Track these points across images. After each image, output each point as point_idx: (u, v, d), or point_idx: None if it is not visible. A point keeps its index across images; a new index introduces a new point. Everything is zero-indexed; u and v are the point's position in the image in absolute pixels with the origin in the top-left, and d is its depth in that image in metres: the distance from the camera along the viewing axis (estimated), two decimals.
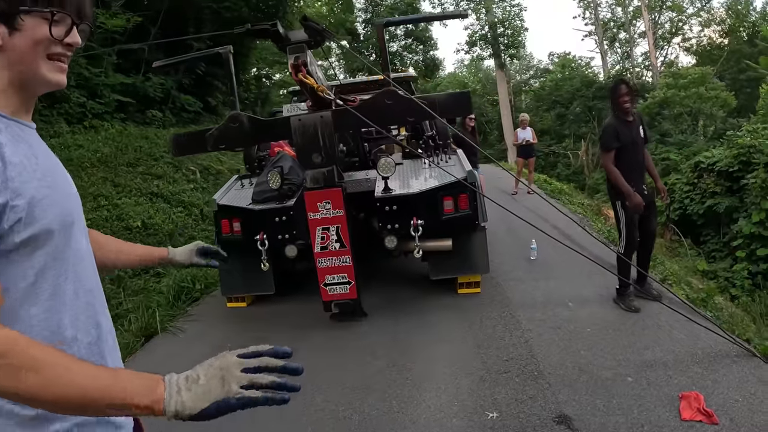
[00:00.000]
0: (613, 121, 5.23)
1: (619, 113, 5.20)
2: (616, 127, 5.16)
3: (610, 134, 5.18)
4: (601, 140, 5.36)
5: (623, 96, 5.12)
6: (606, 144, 5.21)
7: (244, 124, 4.75)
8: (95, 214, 8.64)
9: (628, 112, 5.19)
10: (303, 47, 4.12)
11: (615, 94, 5.23)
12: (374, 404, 3.84)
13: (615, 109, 5.25)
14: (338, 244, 4.77)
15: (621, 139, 5.12)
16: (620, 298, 5.23)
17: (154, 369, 3.26)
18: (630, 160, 5.16)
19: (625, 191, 5.03)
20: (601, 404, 3.56)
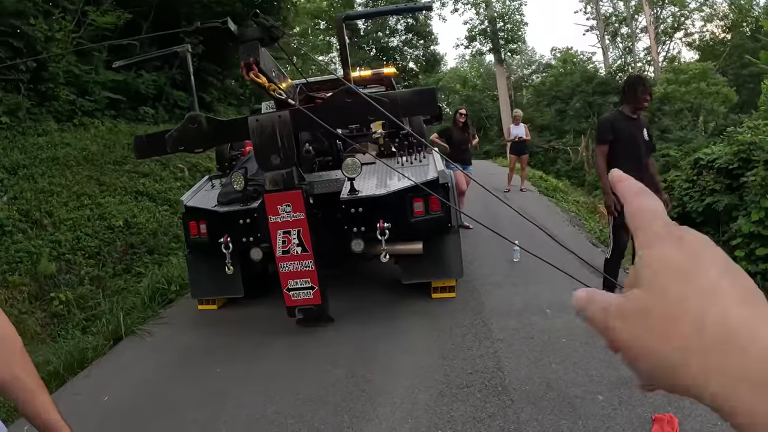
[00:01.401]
0: (611, 114, 5.00)
1: (628, 109, 4.95)
2: (613, 120, 4.92)
3: (604, 126, 4.93)
4: (596, 132, 5.13)
5: (646, 93, 4.88)
6: (600, 136, 4.95)
7: (202, 125, 4.57)
8: (77, 214, 8.51)
9: (640, 110, 4.98)
10: (256, 45, 3.93)
11: (637, 89, 4.92)
12: (325, 418, 3.67)
13: (629, 104, 4.95)
14: (300, 248, 4.59)
15: (617, 132, 4.86)
16: None
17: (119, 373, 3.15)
18: (626, 156, 4.83)
19: (604, 189, 4.83)
20: (566, 426, 3.34)
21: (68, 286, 6.99)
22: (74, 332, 6.05)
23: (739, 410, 0.34)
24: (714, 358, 0.35)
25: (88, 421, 3.99)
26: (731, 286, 0.37)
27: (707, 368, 0.35)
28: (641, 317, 0.39)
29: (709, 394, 0.35)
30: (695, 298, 0.37)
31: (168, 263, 8.02)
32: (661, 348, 0.37)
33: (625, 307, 0.40)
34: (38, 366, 4.69)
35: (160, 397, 4.28)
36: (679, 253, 0.40)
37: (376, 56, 35.12)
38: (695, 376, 0.36)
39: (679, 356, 0.36)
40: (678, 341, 0.36)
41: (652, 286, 0.39)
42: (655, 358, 0.38)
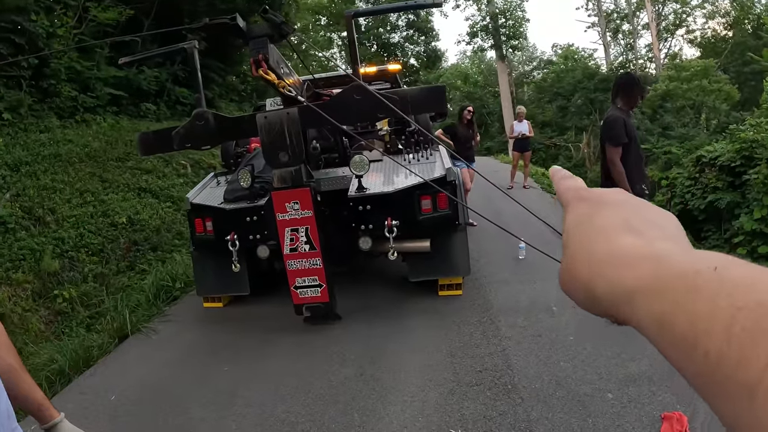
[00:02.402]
0: (620, 114, 4.94)
1: (626, 107, 4.96)
2: (625, 121, 4.89)
3: (620, 127, 4.85)
4: (609, 133, 4.94)
5: (643, 92, 4.90)
6: (617, 138, 4.84)
7: (209, 122, 4.55)
8: (80, 211, 8.48)
9: (634, 107, 5.02)
10: (265, 41, 3.90)
11: (634, 88, 4.98)
12: (335, 417, 3.66)
13: (626, 103, 4.98)
14: (308, 246, 4.57)
15: (627, 131, 4.86)
16: None
17: (125, 372, 3.13)
18: (634, 157, 4.92)
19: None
20: (576, 424, 3.33)
21: (72, 284, 6.98)
22: (79, 330, 6.04)
23: (624, 315, 0.40)
24: (598, 272, 0.42)
25: (95, 420, 3.97)
26: (622, 221, 0.44)
27: (594, 280, 0.42)
28: (564, 271, 0.47)
29: (603, 305, 0.42)
30: (589, 238, 0.45)
31: (172, 260, 8.00)
32: (576, 287, 0.45)
33: (561, 267, 0.48)
34: (43, 365, 4.72)
35: (168, 395, 4.27)
36: (583, 207, 0.49)
37: (377, 52, 35.06)
38: (594, 294, 0.42)
39: (584, 287, 0.44)
40: (580, 276, 0.44)
41: (565, 246, 0.48)
42: (576, 296, 0.45)
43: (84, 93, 12.29)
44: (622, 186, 4.77)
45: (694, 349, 0.33)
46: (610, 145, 4.88)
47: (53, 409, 1.75)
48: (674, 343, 0.35)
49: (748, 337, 0.30)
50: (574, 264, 0.45)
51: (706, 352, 0.32)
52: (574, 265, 0.45)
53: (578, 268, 0.44)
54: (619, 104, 5.00)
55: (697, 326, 0.33)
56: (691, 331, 0.33)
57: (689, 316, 0.33)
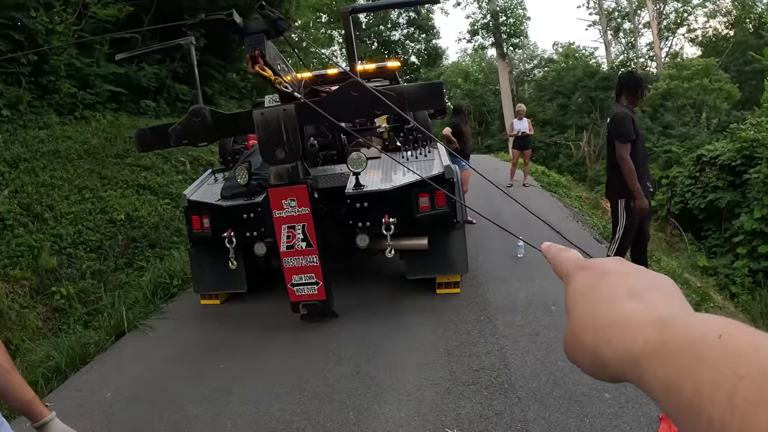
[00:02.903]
0: (626, 110, 4.94)
1: (630, 105, 4.99)
2: (633, 118, 4.90)
3: (629, 123, 4.85)
4: (618, 130, 4.92)
5: (644, 91, 4.92)
6: (626, 134, 4.84)
7: (206, 119, 4.52)
8: (78, 207, 8.46)
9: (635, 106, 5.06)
10: (262, 38, 3.88)
11: (638, 86, 5.04)
12: (331, 415, 3.64)
13: (630, 101, 5.02)
14: (304, 243, 4.55)
15: (636, 131, 4.88)
16: None
17: (122, 369, 3.11)
18: (641, 154, 4.94)
19: (636, 191, 4.77)
20: (573, 424, 3.31)
21: (69, 281, 6.95)
22: (76, 327, 6.02)
23: (631, 378, 0.41)
24: (604, 337, 0.44)
25: (90, 417, 3.96)
26: (625, 289, 0.46)
27: (601, 345, 0.44)
28: (569, 338, 0.49)
29: (610, 369, 0.43)
30: (592, 306, 0.47)
31: (170, 257, 7.99)
32: (582, 353, 0.46)
33: (564, 336, 0.50)
34: (40, 362, 4.70)
35: (163, 392, 4.25)
36: (584, 278, 0.51)
37: (377, 50, 35.04)
38: (600, 359, 0.44)
39: (590, 353, 0.45)
40: (586, 343, 0.46)
41: (569, 314, 0.50)
42: (583, 362, 0.47)
43: (83, 90, 12.27)
44: (631, 183, 4.77)
45: (699, 416, 0.33)
46: (620, 141, 4.87)
47: (44, 408, 1.75)
48: (680, 408, 0.35)
49: (750, 407, 0.31)
50: (580, 330, 0.47)
51: (710, 419, 0.32)
52: (580, 332, 0.47)
53: (584, 334, 0.46)
54: (624, 102, 5.01)
55: (702, 393, 0.33)
56: (695, 398, 0.34)
57: (694, 383, 0.34)
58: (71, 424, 1.76)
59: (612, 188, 5.21)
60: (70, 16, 12.14)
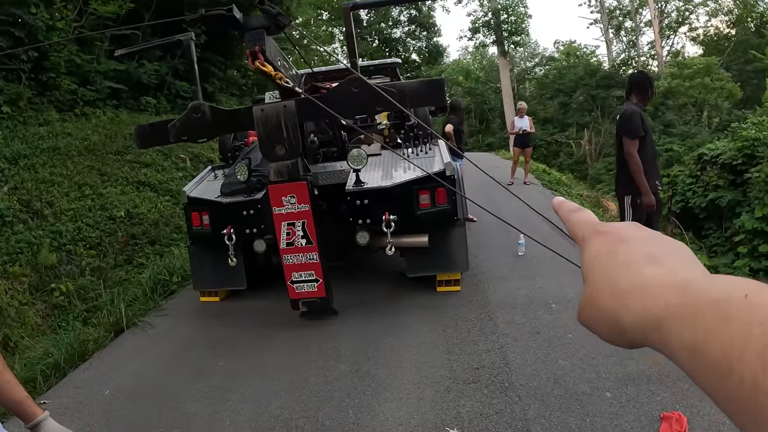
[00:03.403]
0: (636, 108, 4.96)
1: (640, 103, 5.00)
2: (641, 115, 4.92)
3: (638, 120, 4.87)
4: (626, 127, 4.94)
5: (654, 89, 4.96)
6: (634, 131, 4.86)
7: (206, 115, 4.50)
8: (78, 204, 8.45)
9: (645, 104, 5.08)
10: (262, 33, 3.86)
11: (649, 85, 5.07)
12: (330, 413, 3.62)
13: (640, 99, 5.03)
14: (304, 240, 4.53)
15: (644, 128, 4.89)
16: None
17: (120, 366, 3.09)
18: (649, 152, 4.95)
19: (643, 187, 4.76)
20: (574, 423, 3.29)
21: (69, 277, 6.94)
22: (75, 324, 6.00)
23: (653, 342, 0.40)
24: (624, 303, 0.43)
25: (88, 415, 3.95)
26: (643, 254, 0.45)
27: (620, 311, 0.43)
28: (586, 306, 0.48)
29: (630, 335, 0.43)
30: (610, 272, 0.46)
31: (170, 254, 7.97)
32: (600, 319, 0.46)
33: (581, 302, 0.49)
34: (39, 358, 4.69)
35: (162, 390, 4.23)
36: (601, 243, 0.50)
37: (378, 47, 34.97)
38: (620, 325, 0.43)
39: (609, 319, 0.45)
40: (604, 309, 0.45)
41: (586, 280, 0.49)
42: (600, 329, 0.47)
43: (84, 86, 12.25)
44: (638, 179, 4.77)
45: (729, 376, 0.33)
46: (628, 137, 4.88)
47: (36, 407, 1.72)
48: (707, 369, 0.35)
49: None
50: (598, 296, 0.46)
51: (741, 378, 0.32)
52: (598, 298, 0.46)
53: (602, 300, 0.45)
54: (633, 101, 5.03)
55: (731, 353, 0.33)
56: (724, 359, 0.33)
57: (722, 344, 0.34)
58: (69, 422, 1.74)
59: (619, 185, 5.22)
60: (71, 13, 12.11)
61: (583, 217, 0.56)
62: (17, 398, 1.68)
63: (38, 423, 1.70)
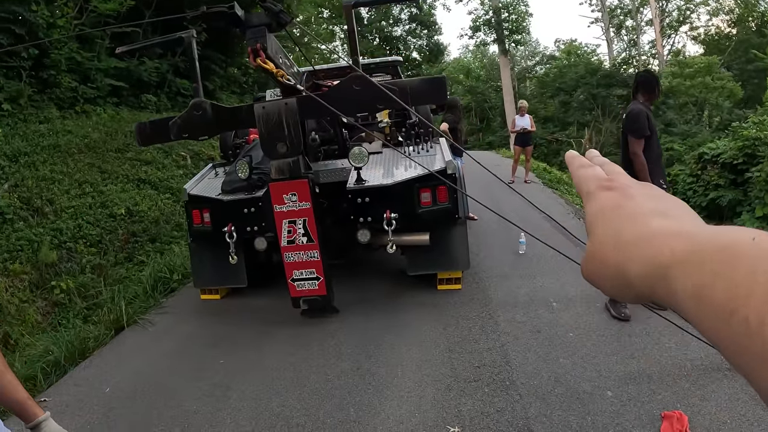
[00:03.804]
0: (642, 107, 4.89)
1: (647, 102, 4.94)
2: (648, 114, 4.85)
3: (644, 120, 4.80)
4: (633, 126, 4.86)
5: (660, 88, 4.92)
6: (641, 130, 4.78)
7: (207, 112, 4.49)
8: (78, 202, 8.44)
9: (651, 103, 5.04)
10: (263, 31, 3.85)
11: (655, 84, 5.03)
12: (331, 411, 3.61)
13: (647, 98, 4.96)
14: (305, 238, 4.53)
15: (651, 127, 4.84)
16: (611, 304, 4.85)
17: (121, 363, 3.08)
18: (655, 152, 4.91)
19: None
20: (575, 422, 3.28)
21: (69, 275, 6.94)
22: (75, 321, 6.00)
23: (658, 293, 0.40)
24: (630, 255, 0.43)
25: (89, 412, 3.94)
26: (649, 208, 0.45)
27: (626, 263, 0.43)
28: (589, 260, 0.48)
29: (636, 287, 0.42)
30: (615, 224, 0.46)
31: (170, 252, 7.97)
32: (604, 273, 0.46)
33: (584, 257, 0.49)
34: (39, 356, 4.68)
35: (163, 387, 4.23)
36: (607, 198, 0.49)
37: (379, 45, 34.94)
38: (625, 277, 0.43)
39: (614, 272, 0.44)
40: (609, 262, 0.45)
41: (590, 233, 0.49)
42: (604, 283, 0.46)
43: (84, 84, 12.25)
44: (642, 178, 4.71)
45: (734, 316, 0.33)
46: (633, 137, 4.82)
47: (37, 408, 1.71)
48: (713, 312, 0.35)
49: None
50: (603, 249, 0.46)
51: (746, 317, 0.32)
52: (603, 251, 0.46)
53: (607, 253, 0.45)
54: (640, 99, 4.97)
55: (737, 293, 0.33)
56: (730, 299, 0.33)
57: (728, 284, 0.34)
58: (70, 419, 1.73)
59: None
60: (71, 10, 12.10)
61: (590, 172, 0.56)
62: (18, 398, 1.67)
63: (39, 423, 1.68)
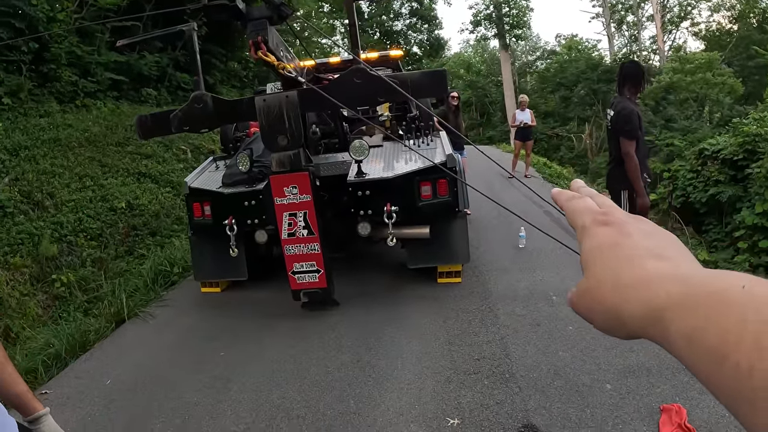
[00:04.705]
0: (632, 104, 4.82)
1: (633, 96, 4.88)
2: (639, 114, 4.80)
3: (635, 119, 4.74)
4: (626, 127, 4.77)
5: (646, 81, 4.84)
6: (633, 132, 4.73)
7: (207, 105, 4.48)
8: (79, 195, 8.45)
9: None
10: (264, 23, 3.84)
11: (642, 76, 4.91)
12: (331, 403, 3.63)
13: (633, 92, 4.88)
14: (306, 231, 4.52)
15: (641, 127, 4.80)
16: None
17: (121, 356, 3.08)
18: (642, 150, 4.87)
19: (639, 189, 4.71)
20: (574, 414, 3.29)
21: (70, 268, 6.95)
22: (76, 314, 6.01)
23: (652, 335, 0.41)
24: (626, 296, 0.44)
25: (90, 405, 3.95)
26: (646, 249, 0.46)
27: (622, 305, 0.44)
28: (584, 295, 0.49)
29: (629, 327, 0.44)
30: (613, 265, 0.46)
31: (170, 245, 7.98)
32: (598, 310, 0.47)
33: (578, 291, 0.50)
34: (40, 349, 4.69)
35: (163, 380, 4.24)
36: (604, 235, 0.50)
37: (380, 40, 34.88)
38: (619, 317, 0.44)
39: (608, 312, 0.46)
40: (605, 302, 0.46)
41: (586, 269, 0.49)
42: (597, 319, 0.48)
43: (84, 78, 12.24)
44: (635, 180, 4.70)
45: (725, 361, 0.34)
46: (626, 138, 4.75)
47: (37, 402, 1.69)
48: (705, 356, 0.36)
49: None
50: (599, 288, 0.47)
51: (737, 363, 0.33)
52: (599, 290, 0.47)
53: (604, 293, 0.46)
54: (627, 94, 4.89)
55: (728, 339, 0.34)
56: (721, 344, 0.34)
57: (720, 330, 0.35)
58: (71, 412, 1.70)
59: (615, 180, 5.09)
60: (71, 4, 12.09)
61: (582, 204, 0.56)
62: (18, 391, 1.64)
63: (39, 417, 1.66)
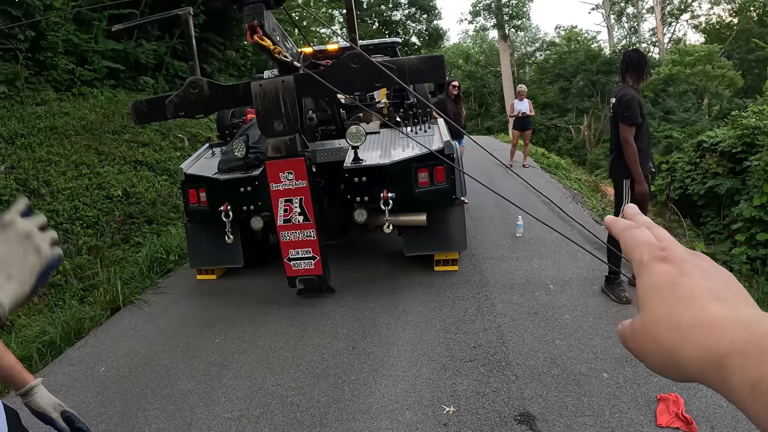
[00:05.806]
0: (634, 91, 4.75)
1: (635, 84, 4.80)
2: (640, 101, 4.74)
3: (636, 107, 4.68)
4: (626, 113, 4.70)
5: (648, 69, 4.79)
6: (633, 118, 4.66)
7: (203, 90, 4.44)
8: (75, 183, 8.41)
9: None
10: (260, 7, 3.80)
11: (645, 64, 4.83)
12: (325, 390, 3.61)
13: (636, 80, 4.81)
14: (302, 217, 4.49)
15: (642, 114, 4.73)
16: (609, 287, 4.84)
17: (116, 343, 3.05)
18: (644, 138, 4.80)
19: (637, 175, 4.67)
20: (570, 403, 3.28)
21: (66, 256, 6.91)
22: (71, 302, 5.97)
23: (710, 379, 0.41)
24: (687, 338, 0.43)
25: (84, 392, 3.94)
26: (706, 290, 0.45)
27: (681, 347, 0.43)
28: (638, 333, 0.48)
29: (687, 369, 0.43)
30: (672, 306, 0.45)
31: (167, 233, 7.95)
32: (652, 350, 0.46)
33: (632, 328, 0.49)
34: (34, 336, 4.66)
35: (158, 367, 4.22)
36: (663, 273, 0.48)
37: (378, 29, 34.73)
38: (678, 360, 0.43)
39: (664, 353, 0.45)
40: (662, 342, 0.45)
41: (642, 308, 0.48)
42: (651, 358, 0.47)
43: (81, 66, 12.18)
44: (633, 166, 4.66)
45: None
46: (626, 124, 4.69)
47: (27, 373, 1.64)
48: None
49: None
50: (656, 328, 0.46)
51: None
52: (656, 330, 0.46)
53: (661, 333, 0.45)
54: (629, 81, 4.83)
55: None
56: None
57: None
58: (65, 398, 1.66)
59: (616, 169, 5.04)
60: None
61: (640, 236, 0.54)
62: (6, 364, 1.60)
63: (30, 389, 1.61)
